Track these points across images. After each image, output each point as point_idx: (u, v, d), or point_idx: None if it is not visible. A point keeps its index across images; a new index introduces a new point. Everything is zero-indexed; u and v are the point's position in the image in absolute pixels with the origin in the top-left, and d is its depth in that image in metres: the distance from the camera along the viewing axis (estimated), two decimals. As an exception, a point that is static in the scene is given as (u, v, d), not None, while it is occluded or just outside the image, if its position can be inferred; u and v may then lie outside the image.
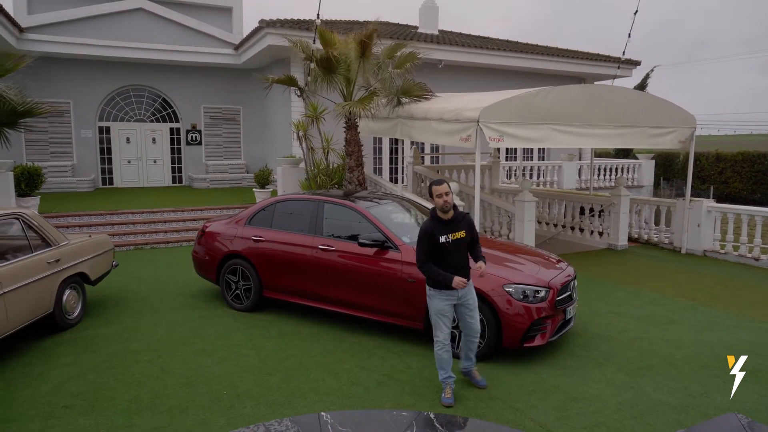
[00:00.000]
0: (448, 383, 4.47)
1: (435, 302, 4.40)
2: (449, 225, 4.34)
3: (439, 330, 4.44)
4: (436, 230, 4.30)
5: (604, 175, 18.14)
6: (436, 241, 4.28)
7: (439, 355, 4.45)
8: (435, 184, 4.30)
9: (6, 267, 5.12)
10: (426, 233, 4.29)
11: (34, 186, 10.89)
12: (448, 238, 4.30)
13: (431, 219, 4.38)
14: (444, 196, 4.24)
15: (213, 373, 4.96)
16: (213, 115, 19.05)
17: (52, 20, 15.69)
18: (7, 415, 4.20)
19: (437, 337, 4.45)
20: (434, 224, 4.32)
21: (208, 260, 7.02)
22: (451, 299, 4.39)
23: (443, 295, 4.37)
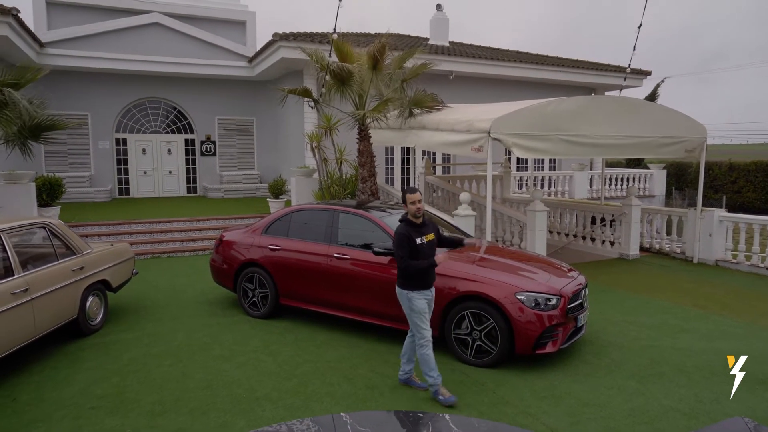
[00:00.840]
0: (439, 383, 4.64)
1: (417, 303, 4.64)
2: (421, 228, 4.72)
3: (422, 329, 4.64)
4: (412, 233, 4.62)
5: (615, 185, 18.17)
6: (413, 242, 4.60)
7: (427, 355, 4.62)
8: (409, 192, 4.69)
9: (34, 274, 5.32)
10: (404, 236, 4.60)
11: (55, 196, 11.16)
12: (423, 240, 4.67)
13: (405, 224, 4.70)
14: (417, 203, 4.64)
15: (232, 377, 5.10)
16: (227, 126, 19.36)
17: (70, 35, 16.11)
18: (37, 415, 4.36)
19: (423, 337, 4.64)
20: (409, 228, 4.65)
21: (225, 268, 7.19)
22: (427, 298, 4.71)
23: (421, 294, 4.67)
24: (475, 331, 5.33)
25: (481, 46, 20.69)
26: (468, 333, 5.38)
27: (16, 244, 5.38)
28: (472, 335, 5.36)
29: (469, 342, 5.38)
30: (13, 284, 5.02)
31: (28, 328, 5.16)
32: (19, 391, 4.81)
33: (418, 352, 4.67)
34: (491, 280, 5.37)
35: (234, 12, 19.37)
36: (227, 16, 19.22)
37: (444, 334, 5.55)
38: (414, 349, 4.82)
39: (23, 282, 5.14)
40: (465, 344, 5.41)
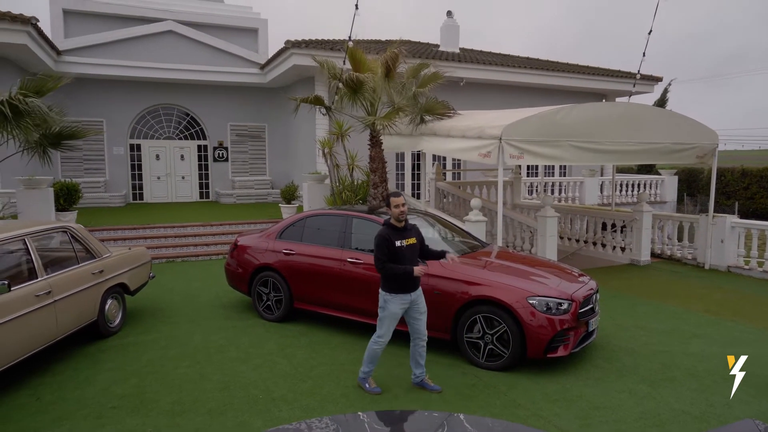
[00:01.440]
0: (371, 376, 4.97)
1: (392, 306, 4.75)
2: (402, 232, 4.80)
3: (385, 330, 4.82)
4: (392, 236, 4.73)
5: (626, 191, 18.15)
6: (393, 245, 4.69)
7: (375, 351, 4.85)
8: (393, 196, 4.78)
9: (56, 277, 5.47)
10: (384, 239, 4.70)
11: (72, 201, 11.36)
12: (403, 243, 4.75)
13: (387, 227, 4.81)
14: (401, 206, 4.72)
15: (248, 378, 5.21)
16: (239, 132, 19.59)
17: (87, 43, 16.42)
18: (60, 414, 4.49)
19: (380, 336, 4.82)
20: (390, 231, 4.76)
21: (240, 272, 7.31)
22: (404, 304, 4.78)
23: (400, 299, 4.74)
24: (487, 335, 5.40)
25: (491, 53, 20.78)
26: (480, 337, 5.45)
27: (39, 247, 5.53)
28: (484, 339, 5.43)
29: (481, 346, 5.45)
30: (37, 287, 5.17)
31: (50, 329, 5.30)
32: (43, 390, 4.95)
33: (369, 347, 4.87)
34: (503, 284, 5.44)
35: (246, 20, 19.62)
36: (240, 23, 19.48)
37: (456, 337, 5.62)
38: (420, 352, 4.93)
39: (46, 285, 5.29)
40: (477, 348, 5.48)
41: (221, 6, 19.96)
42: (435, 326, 5.75)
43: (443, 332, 5.71)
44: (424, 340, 4.93)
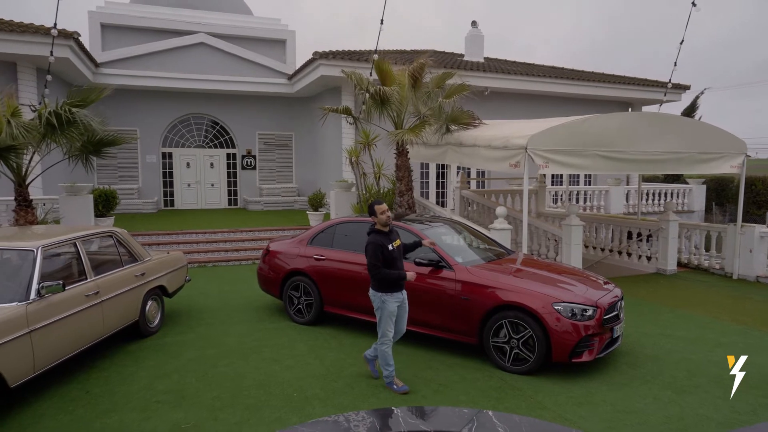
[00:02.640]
0: (395, 375, 5.19)
1: (390, 305, 5.08)
2: (389, 236, 5.17)
3: (388, 330, 5.11)
4: (384, 241, 5.05)
5: (652, 200, 18.03)
6: (386, 250, 5.02)
7: (385, 351, 5.14)
8: (377, 204, 5.15)
9: (104, 278, 5.80)
10: (378, 244, 5.02)
11: (110, 207, 11.84)
12: (393, 246, 5.11)
13: (375, 233, 5.14)
14: (386, 212, 5.10)
15: (283, 377, 5.44)
16: (267, 141, 20.04)
17: (123, 56, 17.07)
18: (109, 407, 4.78)
19: (386, 336, 5.12)
20: (380, 237, 5.09)
21: (272, 277, 7.58)
22: (399, 301, 5.14)
23: (394, 298, 5.09)
24: (513, 340, 5.55)
25: (515, 62, 20.90)
26: (506, 341, 5.60)
27: (88, 250, 5.87)
28: (510, 343, 5.58)
29: (507, 350, 5.59)
30: (86, 287, 5.50)
31: (98, 328, 5.62)
32: (91, 385, 5.25)
33: (379, 349, 5.18)
34: (529, 290, 5.59)
35: (275, 31, 20.13)
36: (268, 35, 19.99)
37: (482, 341, 5.78)
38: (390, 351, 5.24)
39: (94, 285, 5.62)
40: (503, 352, 5.63)
41: (251, 18, 20.51)
42: (462, 331, 5.92)
43: (470, 337, 5.87)
44: (401, 334, 5.34)
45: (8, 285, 4.87)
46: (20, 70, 13.27)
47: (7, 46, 12.37)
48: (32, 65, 13.41)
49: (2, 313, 4.44)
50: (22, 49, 12.51)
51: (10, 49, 12.44)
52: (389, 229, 5.22)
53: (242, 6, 21.53)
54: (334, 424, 3.00)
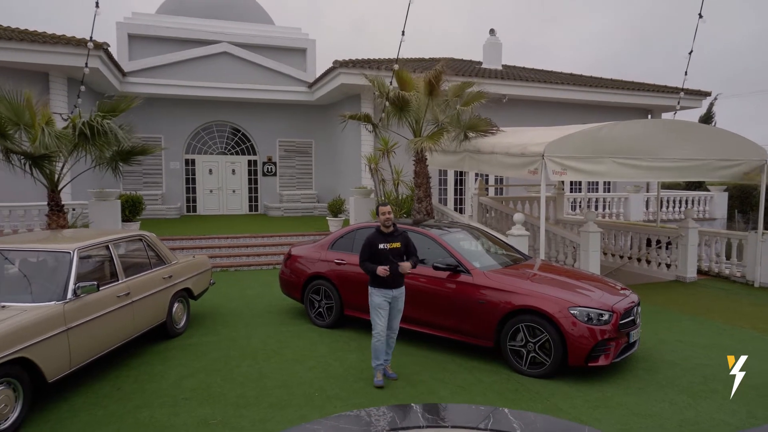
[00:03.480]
0: (380, 369, 5.49)
1: (374, 298, 5.45)
2: (388, 237, 5.48)
3: (377, 324, 5.43)
4: (377, 239, 5.44)
5: (672, 207, 17.90)
6: (375, 247, 5.40)
7: (377, 346, 5.44)
8: (381, 206, 5.54)
9: (135, 280, 6.05)
10: (369, 241, 5.47)
11: (136, 212, 12.19)
12: (386, 246, 5.40)
13: (375, 231, 5.54)
14: (386, 214, 5.45)
15: (304, 378, 5.62)
16: (287, 148, 20.37)
17: (149, 65, 17.54)
18: (140, 402, 5.00)
19: (375, 330, 5.42)
20: (377, 235, 5.49)
21: (293, 280, 7.78)
22: (386, 297, 5.44)
23: (380, 292, 5.44)
24: (530, 343, 5.65)
25: (534, 69, 20.96)
26: (523, 345, 5.70)
27: (120, 253, 6.13)
28: (526, 347, 5.68)
29: (524, 353, 5.70)
30: (118, 288, 5.75)
31: (128, 327, 5.87)
32: (122, 382, 5.49)
33: (372, 344, 5.46)
34: (545, 295, 5.69)
35: (296, 40, 20.48)
36: (290, 44, 20.35)
37: (499, 345, 5.89)
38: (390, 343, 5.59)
39: (126, 287, 5.87)
40: (520, 355, 5.73)
41: (272, 28, 20.91)
42: (479, 334, 6.04)
43: (487, 340, 5.98)
44: (396, 333, 5.62)
45: (46, 285, 5.13)
46: (52, 79, 13.75)
47: (40, 57, 12.85)
48: (63, 75, 13.88)
49: (42, 312, 4.69)
50: (54, 59, 12.98)
51: (43, 60, 12.92)
52: (393, 231, 5.51)
53: (264, 16, 21.96)
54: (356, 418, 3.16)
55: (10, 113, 8.46)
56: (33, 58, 12.83)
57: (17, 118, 8.50)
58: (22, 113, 8.62)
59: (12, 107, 8.48)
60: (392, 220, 5.50)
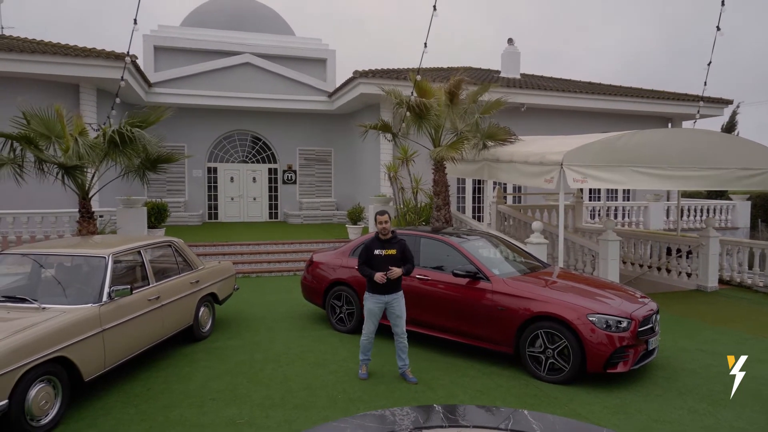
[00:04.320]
0: (365, 363, 5.86)
1: (368, 303, 5.76)
2: (385, 243, 5.70)
3: (368, 326, 5.79)
4: (374, 246, 5.70)
5: (693, 216, 17.74)
6: (371, 252, 5.66)
7: (363, 343, 5.82)
8: (379, 214, 5.72)
9: (164, 284, 6.28)
10: (366, 246, 5.74)
11: (161, 219, 12.51)
12: (382, 252, 5.64)
13: (374, 237, 5.79)
14: (383, 223, 5.67)
15: (327, 381, 5.76)
16: (307, 156, 20.66)
17: (174, 76, 17.99)
18: (169, 402, 5.19)
19: (364, 330, 5.80)
20: (374, 241, 5.73)
21: (315, 286, 7.95)
22: (379, 303, 5.71)
23: (374, 298, 5.71)
24: (549, 350, 5.73)
25: (552, 78, 21.00)
26: (541, 351, 5.78)
27: (150, 258, 6.36)
28: (545, 353, 5.76)
29: (543, 359, 5.78)
30: (149, 292, 5.97)
31: (158, 330, 6.08)
32: (152, 382, 5.69)
33: (360, 340, 5.84)
34: (564, 302, 5.77)
35: (316, 51, 20.80)
36: (310, 54, 20.68)
37: (518, 351, 5.97)
38: (401, 347, 5.78)
39: (156, 291, 6.09)
40: (538, 361, 5.81)
41: (293, 38, 21.29)
42: (498, 340, 6.14)
43: (506, 346, 6.07)
44: (403, 337, 5.77)
45: (83, 288, 5.37)
46: (82, 90, 14.20)
47: (72, 69, 13.29)
48: (93, 86, 14.34)
49: (79, 314, 4.92)
50: (84, 71, 13.42)
51: (74, 72, 13.36)
52: (391, 238, 5.73)
53: (285, 27, 22.36)
54: (381, 417, 3.29)
55: (42, 127, 8.82)
56: (65, 70, 13.29)
57: (49, 131, 8.85)
58: (53, 126, 8.97)
59: (43, 122, 8.83)
60: (389, 228, 5.70)
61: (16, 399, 4.18)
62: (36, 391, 4.39)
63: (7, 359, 4.11)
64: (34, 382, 4.38)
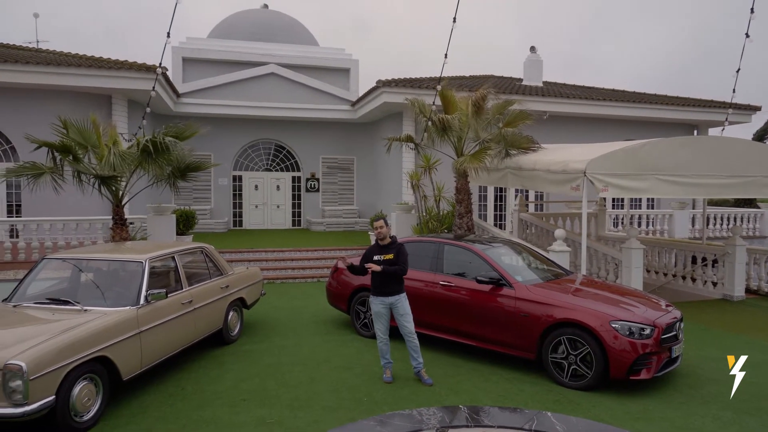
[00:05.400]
0: (387, 367, 6.08)
1: (374, 306, 6.06)
2: (383, 248, 6.02)
3: (378, 329, 6.04)
4: (373, 251, 6.05)
5: (720, 225, 17.51)
6: (371, 258, 5.99)
7: (380, 347, 6.09)
8: (375, 220, 6.09)
9: (197, 288, 6.52)
10: (366, 252, 6.13)
11: (189, 226, 12.85)
12: (380, 257, 5.95)
13: (374, 243, 6.16)
14: (379, 228, 6.00)
15: (353, 383, 5.92)
16: (330, 164, 20.94)
17: (201, 86, 18.46)
18: (202, 402, 5.40)
19: (377, 333, 6.06)
20: (373, 247, 6.11)
21: (340, 292, 8.12)
22: (384, 304, 5.98)
23: (378, 300, 6.01)
24: (571, 356, 5.80)
25: (575, 86, 20.97)
26: (564, 357, 5.86)
27: (183, 264, 6.61)
28: (568, 359, 5.83)
29: (565, 366, 5.85)
30: (182, 296, 6.21)
31: (190, 333, 6.31)
32: (184, 383, 5.91)
33: (377, 345, 6.10)
34: (586, 308, 5.84)
35: (340, 60, 21.13)
36: (333, 64, 21.01)
37: (541, 357, 6.05)
38: (412, 347, 6.00)
39: (189, 295, 6.33)
40: (561, 368, 5.88)
41: (317, 49, 21.66)
42: (521, 346, 6.22)
43: (529, 352, 6.15)
44: (412, 336, 5.99)
45: (121, 292, 5.63)
46: (114, 102, 14.69)
47: (104, 81, 13.78)
48: (124, 97, 14.81)
49: (119, 316, 5.17)
50: (117, 83, 13.89)
51: (107, 84, 13.84)
52: (390, 243, 6.04)
53: (309, 38, 22.77)
54: (409, 416, 3.44)
55: (79, 137, 9.21)
56: (98, 82, 13.77)
57: (85, 140, 9.24)
58: (89, 136, 9.37)
59: (80, 131, 9.22)
60: (384, 233, 6.00)
61: (62, 395, 4.42)
62: (80, 388, 4.64)
63: (55, 357, 4.36)
64: (78, 379, 4.63)
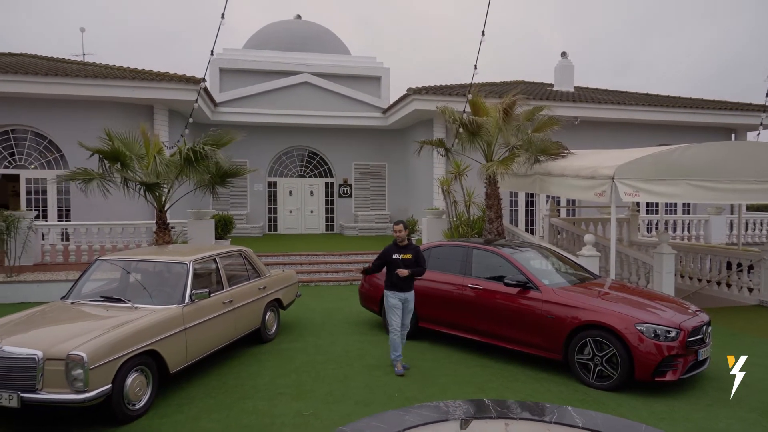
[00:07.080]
0: (398, 360, 6.46)
1: (389, 299, 6.47)
2: (402, 249, 6.49)
3: (392, 320, 6.45)
4: (392, 250, 6.48)
5: (759, 230, 17.12)
6: (389, 256, 6.43)
7: (393, 339, 6.47)
8: (395, 224, 6.56)
9: (237, 289, 6.90)
10: (385, 251, 6.52)
11: (227, 230, 13.36)
12: (399, 256, 6.41)
13: (392, 243, 6.57)
14: (397, 231, 6.47)
15: (384, 381, 6.18)
16: (362, 170, 21.33)
17: (237, 96, 19.12)
18: (242, 395, 5.75)
19: (391, 326, 6.49)
20: (392, 247, 6.52)
21: (372, 294, 8.40)
22: (399, 298, 6.44)
23: (394, 294, 6.45)
24: (597, 357, 5.93)
25: (606, 90, 20.84)
26: (590, 358, 5.99)
27: (224, 266, 7.00)
28: (593, 360, 5.96)
29: (591, 367, 5.98)
30: (224, 296, 6.60)
31: (230, 331, 6.69)
32: (225, 378, 6.28)
33: (389, 337, 6.52)
34: (612, 311, 5.97)
35: (371, 69, 21.55)
36: (365, 72, 21.44)
37: (567, 358, 6.20)
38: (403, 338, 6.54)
39: (229, 295, 6.71)
40: (587, 368, 6.02)
41: (349, 57, 22.13)
42: (548, 347, 6.38)
43: (556, 353, 6.31)
44: (405, 330, 6.60)
45: (168, 291, 6.04)
46: (156, 111, 15.40)
47: (147, 92, 14.48)
48: (165, 107, 15.51)
49: (166, 313, 5.56)
50: (158, 94, 14.59)
51: (149, 95, 14.55)
52: (408, 245, 6.52)
53: (341, 47, 23.28)
54: (436, 408, 3.68)
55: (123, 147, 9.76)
56: (141, 93, 14.48)
57: (129, 150, 9.79)
58: (134, 145, 9.91)
59: (123, 142, 9.77)
60: (402, 236, 6.46)
61: (117, 384, 4.82)
62: (132, 379, 5.03)
63: (111, 349, 4.76)
64: (131, 371, 5.02)
